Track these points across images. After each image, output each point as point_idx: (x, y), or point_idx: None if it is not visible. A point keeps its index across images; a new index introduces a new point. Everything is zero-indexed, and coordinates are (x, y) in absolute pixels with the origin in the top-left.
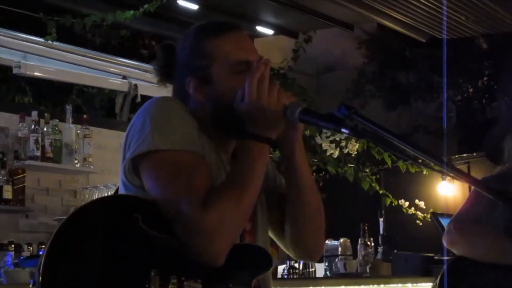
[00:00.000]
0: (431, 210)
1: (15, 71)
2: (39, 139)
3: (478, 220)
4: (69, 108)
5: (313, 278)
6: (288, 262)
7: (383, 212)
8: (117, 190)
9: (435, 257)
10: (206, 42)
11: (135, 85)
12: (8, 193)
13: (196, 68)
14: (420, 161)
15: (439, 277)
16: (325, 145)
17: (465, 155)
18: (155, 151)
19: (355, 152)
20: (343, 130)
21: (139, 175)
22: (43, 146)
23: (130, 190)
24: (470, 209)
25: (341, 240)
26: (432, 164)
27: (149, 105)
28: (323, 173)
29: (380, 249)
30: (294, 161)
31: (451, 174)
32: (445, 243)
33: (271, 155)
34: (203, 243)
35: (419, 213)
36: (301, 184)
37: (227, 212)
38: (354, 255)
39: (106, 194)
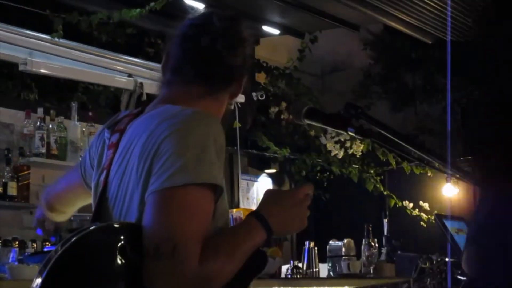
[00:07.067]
0: (436, 212)
1: (21, 68)
2: (45, 136)
3: (503, 243)
4: (74, 105)
5: (316, 278)
6: (291, 261)
7: (387, 213)
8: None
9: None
10: (253, 51)
11: (141, 83)
12: (12, 190)
13: (247, 70)
14: (425, 162)
15: None
16: (329, 146)
17: (470, 157)
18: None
19: (360, 153)
20: (349, 130)
21: None
22: (48, 143)
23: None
24: (488, 230)
25: (345, 240)
26: (437, 165)
27: (191, 123)
28: (328, 173)
29: (384, 250)
30: None
31: (456, 176)
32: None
33: None
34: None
35: (423, 214)
36: None
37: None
38: (358, 255)
39: None
